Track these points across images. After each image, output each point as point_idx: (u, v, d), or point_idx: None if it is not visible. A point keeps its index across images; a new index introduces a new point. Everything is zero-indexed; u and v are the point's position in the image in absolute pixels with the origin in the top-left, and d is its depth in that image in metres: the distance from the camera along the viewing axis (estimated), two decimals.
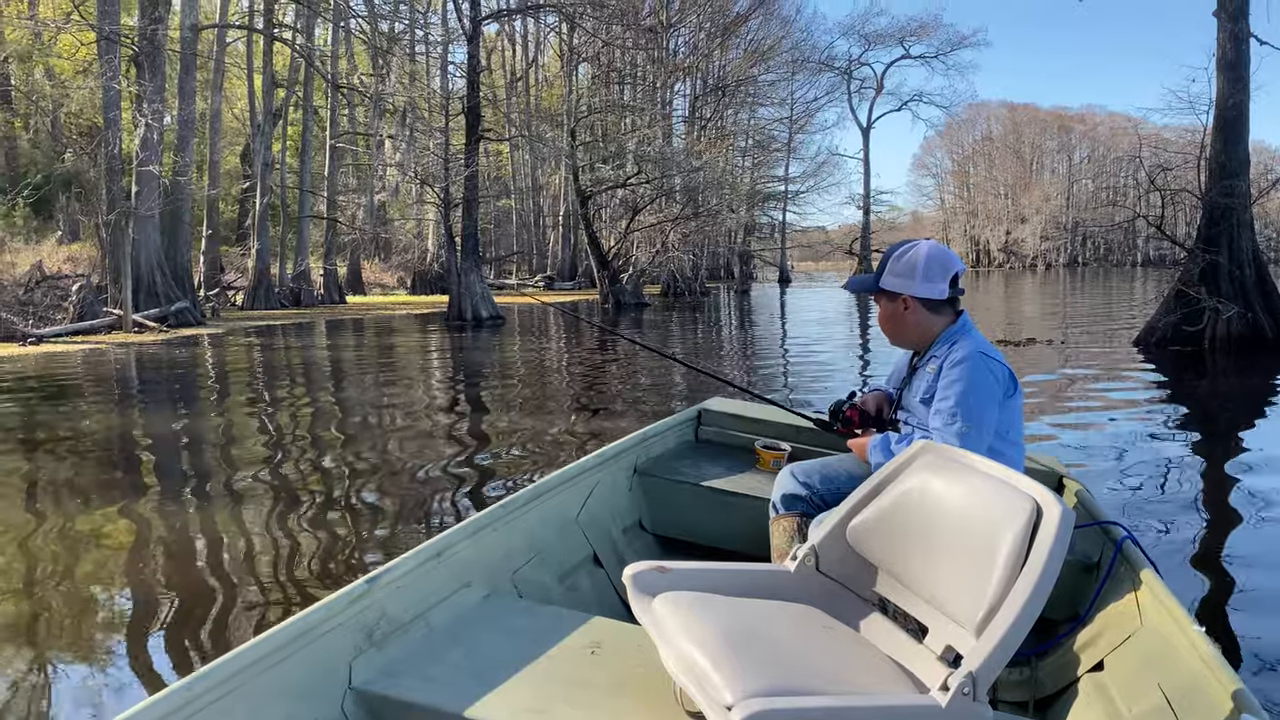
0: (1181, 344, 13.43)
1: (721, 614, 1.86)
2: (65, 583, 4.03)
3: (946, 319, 2.73)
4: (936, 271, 2.69)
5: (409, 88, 28.38)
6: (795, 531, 2.75)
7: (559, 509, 2.99)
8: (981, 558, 1.82)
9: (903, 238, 13.50)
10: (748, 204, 43.07)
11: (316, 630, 1.94)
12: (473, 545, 2.51)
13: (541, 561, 2.77)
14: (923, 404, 2.69)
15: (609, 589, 2.97)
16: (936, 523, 1.99)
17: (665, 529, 3.48)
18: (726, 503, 3.34)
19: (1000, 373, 2.63)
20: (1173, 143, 25.21)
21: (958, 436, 2.51)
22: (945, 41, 58.03)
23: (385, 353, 14.97)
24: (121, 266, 18.56)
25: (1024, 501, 1.82)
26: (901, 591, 2.06)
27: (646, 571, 2.02)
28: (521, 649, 2.09)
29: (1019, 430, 2.73)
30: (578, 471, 3.16)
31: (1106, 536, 2.62)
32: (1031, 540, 1.77)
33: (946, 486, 2.02)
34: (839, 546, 2.17)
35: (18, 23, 27.51)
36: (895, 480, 2.16)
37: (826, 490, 2.79)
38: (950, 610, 1.88)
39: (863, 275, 2.88)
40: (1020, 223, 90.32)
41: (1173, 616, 2.02)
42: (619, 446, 3.50)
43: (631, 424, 7.57)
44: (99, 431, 7.74)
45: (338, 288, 31.13)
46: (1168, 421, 8.16)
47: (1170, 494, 5.45)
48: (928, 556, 1.97)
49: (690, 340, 17.37)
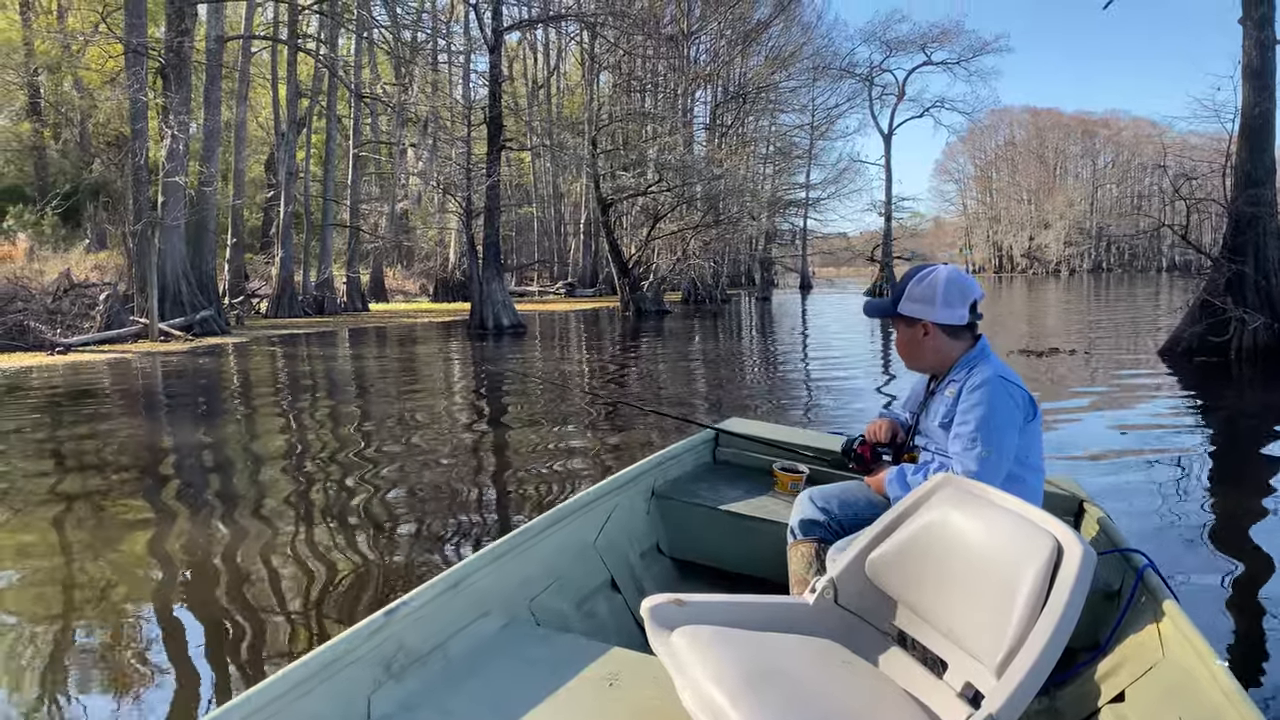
0: (1207, 354, 13.30)
1: (740, 649, 1.86)
2: (88, 598, 4.07)
3: (965, 344, 2.73)
4: (956, 297, 2.68)
5: (431, 97, 28.57)
6: (813, 557, 2.74)
7: (576, 534, 2.99)
8: (1001, 595, 1.81)
9: (925, 244, 13.44)
10: (769, 211, 43.00)
11: (337, 664, 1.95)
12: (490, 573, 2.51)
13: (559, 588, 2.77)
14: (941, 428, 2.68)
15: (626, 615, 2.97)
16: (956, 557, 1.98)
17: (683, 552, 3.48)
18: (744, 527, 3.33)
19: (1020, 397, 2.62)
20: (1197, 148, 25.02)
21: (977, 461, 2.51)
22: (967, 48, 57.45)
23: (407, 362, 15.05)
24: (148, 276, 18.75)
25: (1045, 539, 1.82)
26: (920, 625, 2.05)
27: (664, 604, 2.02)
28: (539, 680, 2.10)
29: (1039, 455, 2.72)
30: (595, 496, 3.16)
31: (1127, 564, 2.60)
32: (1053, 579, 1.77)
33: (966, 521, 2.02)
34: (858, 579, 2.17)
35: (47, 35, 27.92)
36: (915, 514, 2.16)
37: (845, 516, 2.79)
38: (969, 646, 1.87)
39: (880, 300, 2.86)
40: (1043, 228, 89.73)
41: (1195, 649, 1.99)
42: (636, 470, 3.50)
43: (651, 434, 7.57)
44: (122, 443, 7.81)
45: (360, 295, 31.32)
46: (1192, 437, 8.08)
47: (1192, 516, 5.33)
48: (947, 591, 1.97)
49: (711, 349, 17.35)
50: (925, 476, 2.61)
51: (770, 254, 48.99)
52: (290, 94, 28.09)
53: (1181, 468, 6.66)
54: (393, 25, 32.29)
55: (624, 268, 28.78)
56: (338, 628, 3.64)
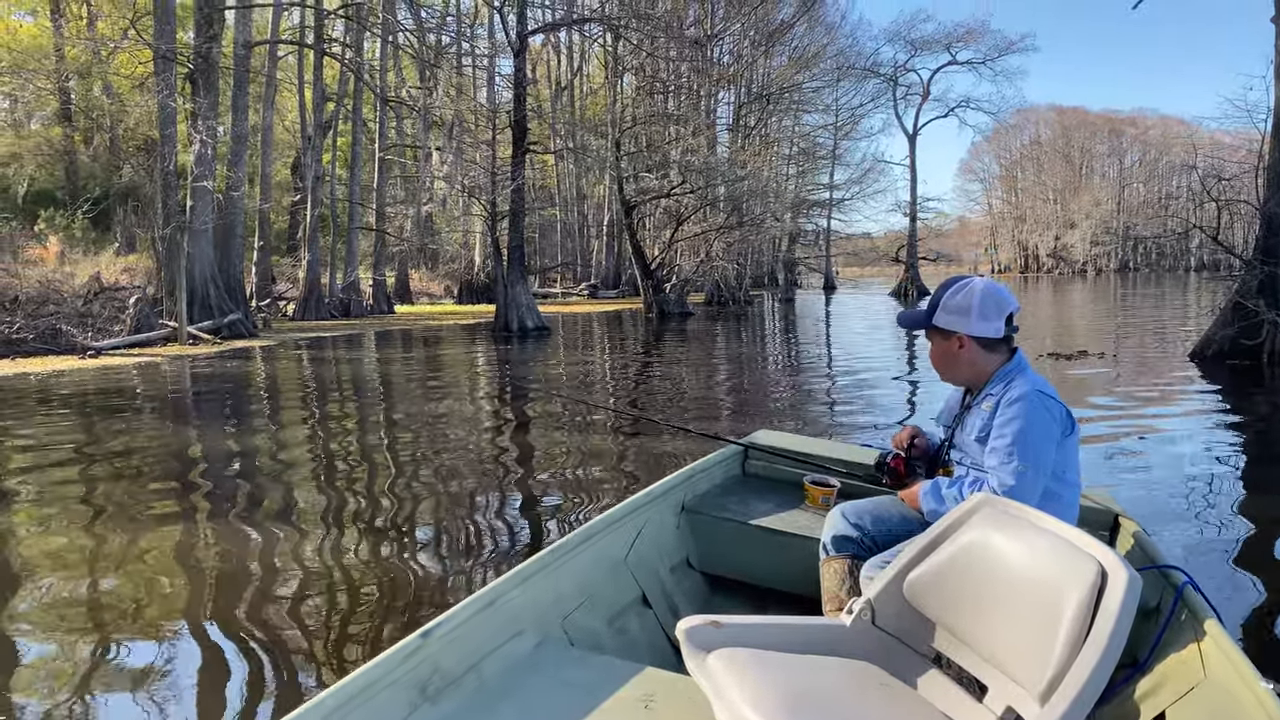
0: (1239, 358, 13.12)
1: (777, 673, 1.85)
2: (115, 611, 4.10)
3: (1001, 357, 2.71)
4: (992, 310, 2.66)
5: (456, 100, 28.66)
6: (846, 574, 2.73)
7: (607, 550, 2.99)
8: (1044, 619, 1.79)
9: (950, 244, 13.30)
10: (792, 212, 42.84)
11: (374, 688, 1.95)
12: (523, 592, 2.51)
13: (592, 605, 2.77)
14: (977, 443, 2.66)
15: (659, 633, 2.96)
16: (996, 580, 1.96)
17: (713, 567, 3.46)
18: (775, 541, 3.31)
19: (1058, 412, 2.60)
20: (1228, 146, 24.71)
21: (1014, 475, 2.49)
22: (993, 47, 57.02)
23: (434, 365, 15.11)
24: (176, 279, 18.94)
25: (1088, 564, 1.80)
26: (959, 648, 2.04)
27: (700, 626, 2.01)
28: (575, 702, 2.09)
29: (1076, 470, 2.69)
30: (625, 511, 3.16)
31: (1166, 581, 2.56)
32: (1097, 603, 1.75)
33: (1007, 542, 2.00)
34: (895, 601, 2.15)
35: (77, 40, 28.27)
36: (954, 534, 2.14)
37: (879, 532, 2.78)
38: (1011, 670, 1.86)
39: (914, 311, 2.84)
40: (1069, 228, 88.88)
41: (1237, 670, 1.96)
42: (666, 484, 3.48)
43: (677, 443, 7.56)
44: (153, 448, 7.89)
45: (386, 298, 31.48)
46: (1225, 443, 7.97)
47: (1226, 528, 5.22)
48: (988, 614, 1.95)
49: (734, 352, 17.33)
50: (960, 491, 2.59)
51: (794, 255, 48.84)
52: (316, 98, 28.29)
53: (1214, 476, 6.56)
54: (417, 29, 32.48)
55: (647, 269, 28.78)
56: (369, 644, 3.66)
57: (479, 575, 4.46)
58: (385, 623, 3.90)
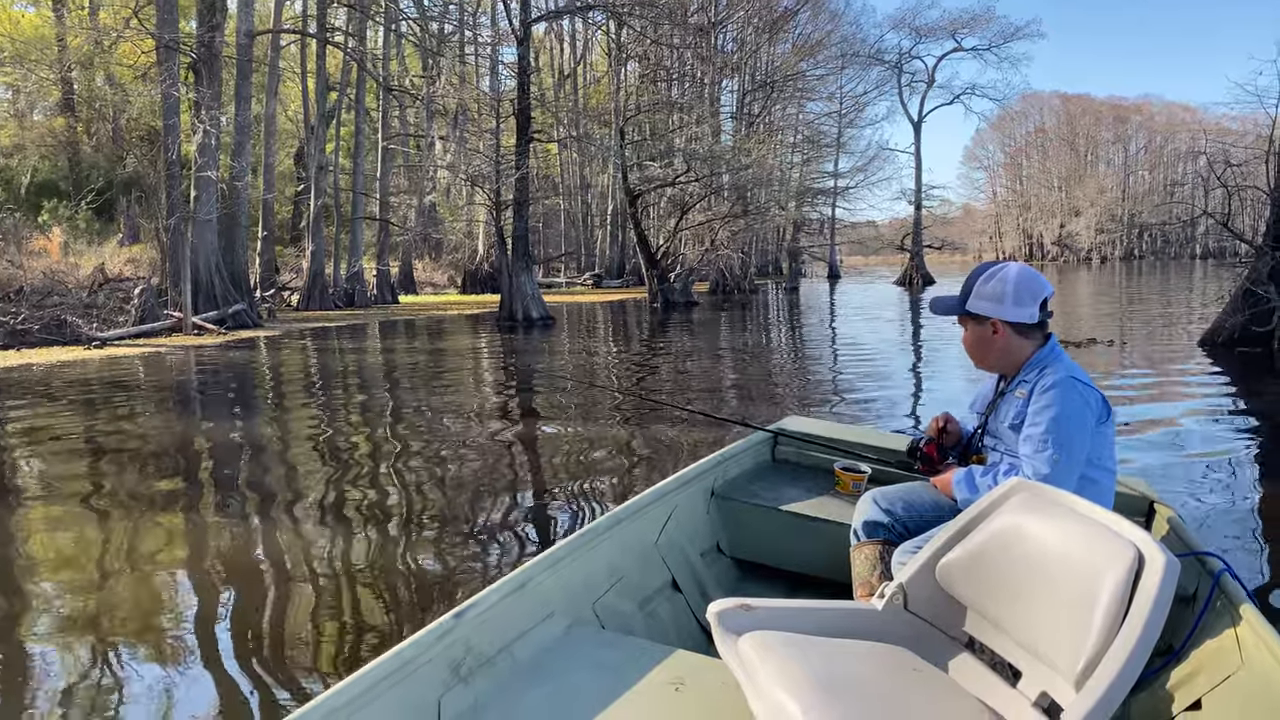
0: (1250, 345, 13.06)
1: (810, 656, 1.83)
2: (129, 599, 4.08)
3: (1035, 343, 2.67)
4: (1026, 295, 2.62)
5: (459, 89, 28.59)
6: (878, 559, 2.71)
7: (638, 534, 2.99)
8: (1079, 604, 1.76)
9: (955, 232, 13.20)
10: (797, 200, 42.76)
11: (408, 668, 1.95)
12: (554, 575, 2.51)
13: (622, 589, 2.77)
14: (1012, 430, 2.63)
15: (688, 616, 2.96)
16: (1031, 564, 1.93)
17: (743, 552, 3.46)
18: (805, 527, 3.30)
19: (1093, 399, 2.56)
20: (1234, 132, 24.62)
21: (1049, 463, 2.45)
22: (998, 34, 56.65)
23: (439, 356, 15.09)
24: (181, 270, 18.93)
25: (1125, 549, 1.76)
26: (992, 632, 2.01)
27: (732, 610, 2.00)
28: (606, 683, 2.09)
29: (1112, 457, 2.65)
30: (655, 496, 3.15)
31: (1203, 568, 2.52)
32: (1133, 589, 1.71)
33: (1042, 527, 1.96)
34: (928, 585, 2.12)
35: (80, 30, 28.20)
36: (987, 519, 2.10)
37: (909, 518, 2.76)
38: (1045, 655, 1.83)
39: (947, 297, 2.78)
40: (1074, 215, 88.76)
41: (1276, 659, 1.93)
42: (696, 469, 3.48)
43: (698, 431, 7.53)
44: (159, 439, 7.88)
45: (390, 287, 31.48)
46: (1237, 430, 7.92)
47: (1244, 515, 5.17)
48: (1023, 598, 1.92)
49: (739, 341, 17.29)
50: (994, 478, 2.56)
51: (799, 243, 48.79)
52: (319, 87, 28.24)
53: (1229, 462, 6.52)
54: (420, 17, 32.41)
55: (652, 259, 28.72)
56: (386, 636, 3.64)
57: (505, 563, 4.44)
58: (401, 614, 3.88)
